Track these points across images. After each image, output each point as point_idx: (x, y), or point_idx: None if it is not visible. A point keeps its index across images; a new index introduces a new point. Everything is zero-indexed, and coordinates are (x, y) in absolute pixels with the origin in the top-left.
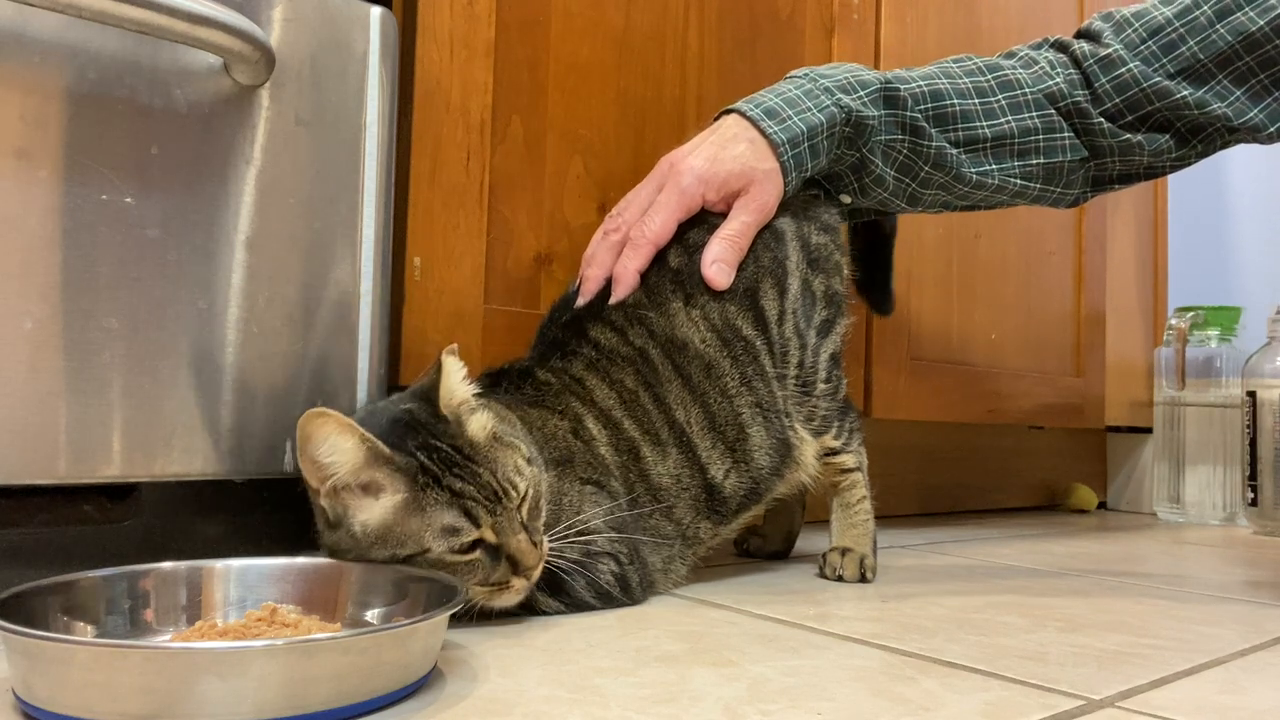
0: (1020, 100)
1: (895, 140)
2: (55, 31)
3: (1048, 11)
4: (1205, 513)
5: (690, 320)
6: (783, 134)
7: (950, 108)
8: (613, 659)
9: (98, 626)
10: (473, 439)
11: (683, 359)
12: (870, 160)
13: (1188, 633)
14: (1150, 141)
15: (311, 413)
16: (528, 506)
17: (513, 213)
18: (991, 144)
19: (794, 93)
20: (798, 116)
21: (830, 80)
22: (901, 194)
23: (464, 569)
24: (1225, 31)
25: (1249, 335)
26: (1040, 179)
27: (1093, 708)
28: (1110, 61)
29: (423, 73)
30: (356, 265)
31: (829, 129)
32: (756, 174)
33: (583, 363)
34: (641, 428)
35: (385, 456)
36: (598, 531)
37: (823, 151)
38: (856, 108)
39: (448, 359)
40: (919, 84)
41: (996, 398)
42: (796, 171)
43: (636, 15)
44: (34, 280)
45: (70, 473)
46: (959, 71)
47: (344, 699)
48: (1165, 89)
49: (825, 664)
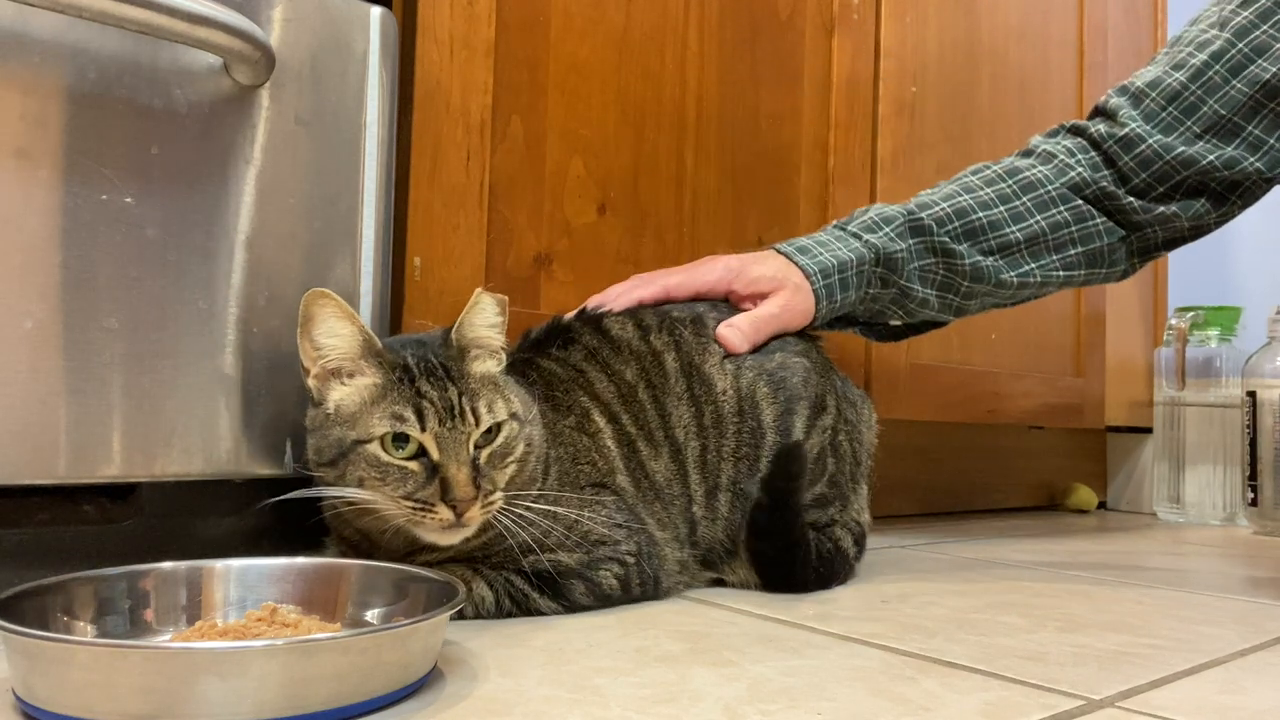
0: (1045, 198)
1: (929, 264)
2: (55, 31)
3: (1048, 11)
4: (1205, 513)
5: (722, 368)
6: (814, 265)
7: (977, 221)
8: (613, 659)
9: (98, 626)
10: (467, 369)
11: (701, 390)
12: (910, 288)
13: (1188, 633)
14: (1186, 209)
15: (314, 292)
16: (490, 450)
17: (513, 213)
18: (1026, 245)
19: (824, 236)
20: (828, 252)
21: (856, 224)
22: (948, 309)
23: (395, 475)
24: (1242, 85)
25: (1249, 335)
26: (1083, 266)
27: (1093, 708)
28: (1129, 140)
29: (423, 73)
30: (356, 265)
31: (858, 265)
32: (789, 283)
33: (582, 352)
34: (637, 425)
35: (377, 350)
36: (603, 538)
37: (852, 286)
38: (883, 244)
39: (482, 295)
40: (941, 207)
41: (996, 398)
42: (828, 301)
43: (636, 15)
44: (34, 280)
45: (70, 473)
46: (979, 183)
47: (344, 699)
48: (1190, 157)
49: (825, 664)
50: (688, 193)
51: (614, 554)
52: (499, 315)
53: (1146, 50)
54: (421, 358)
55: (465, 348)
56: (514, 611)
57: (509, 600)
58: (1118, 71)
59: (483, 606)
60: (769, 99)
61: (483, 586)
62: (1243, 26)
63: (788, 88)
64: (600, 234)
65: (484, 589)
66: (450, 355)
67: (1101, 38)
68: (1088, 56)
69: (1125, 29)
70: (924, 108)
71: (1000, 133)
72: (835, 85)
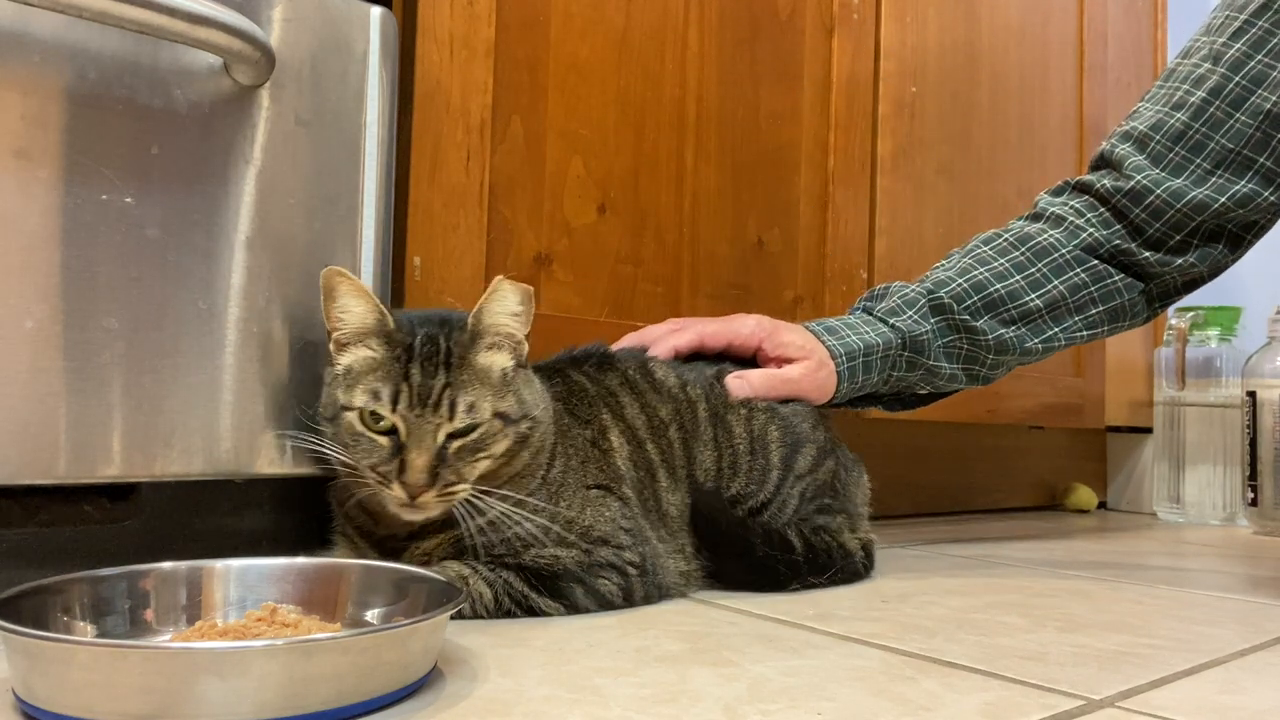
0: (1061, 262)
1: (952, 340)
2: (55, 31)
3: (1047, 12)
4: (1205, 513)
5: (738, 413)
6: (840, 347)
7: (995, 294)
8: (613, 659)
9: (98, 626)
10: (471, 358)
11: (724, 437)
12: (937, 367)
13: (1188, 633)
14: (1204, 258)
15: (331, 270)
16: (461, 443)
17: (513, 213)
18: (1047, 311)
19: (851, 319)
20: (855, 335)
21: (881, 308)
22: (975, 379)
23: (365, 445)
24: (1246, 117)
25: (1249, 335)
26: (1106, 322)
27: (1093, 708)
28: (1137, 193)
29: (423, 73)
30: (356, 265)
31: (884, 350)
32: (815, 356)
33: (619, 378)
34: (661, 457)
35: (386, 329)
36: (605, 537)
37: (875, 369)
38: (909, 328)
39: (502, 282)
40: (958, 283)
41: (996, 398)
42: (849, 382)
43: (636, 15)
44: (34, 280)
45: (70, 473)
46: (992, 254)
47: (344, 699)
48: (1203, 202)
49: (825, 664)
50: (688, 193)
51: (616, 560)
52: (520, 305)
53: (1146, 50)
54: (431, 339)
55: (480, 334)
56: (514, 610)
57: (509, 599)
58: (1117, 72)
59: (480, 603)
60: (769, 99)
61: (481, 584)
62: (1237, 60)
63: (788, 87)
64: (600, 234)
65: (483, 586)
66: (462, 341)
67: (1101, 38)
68: (1088, 57)
69: (1125, 29)
70: (924, 108)
71: (1000, 133)
72: (835, 85)
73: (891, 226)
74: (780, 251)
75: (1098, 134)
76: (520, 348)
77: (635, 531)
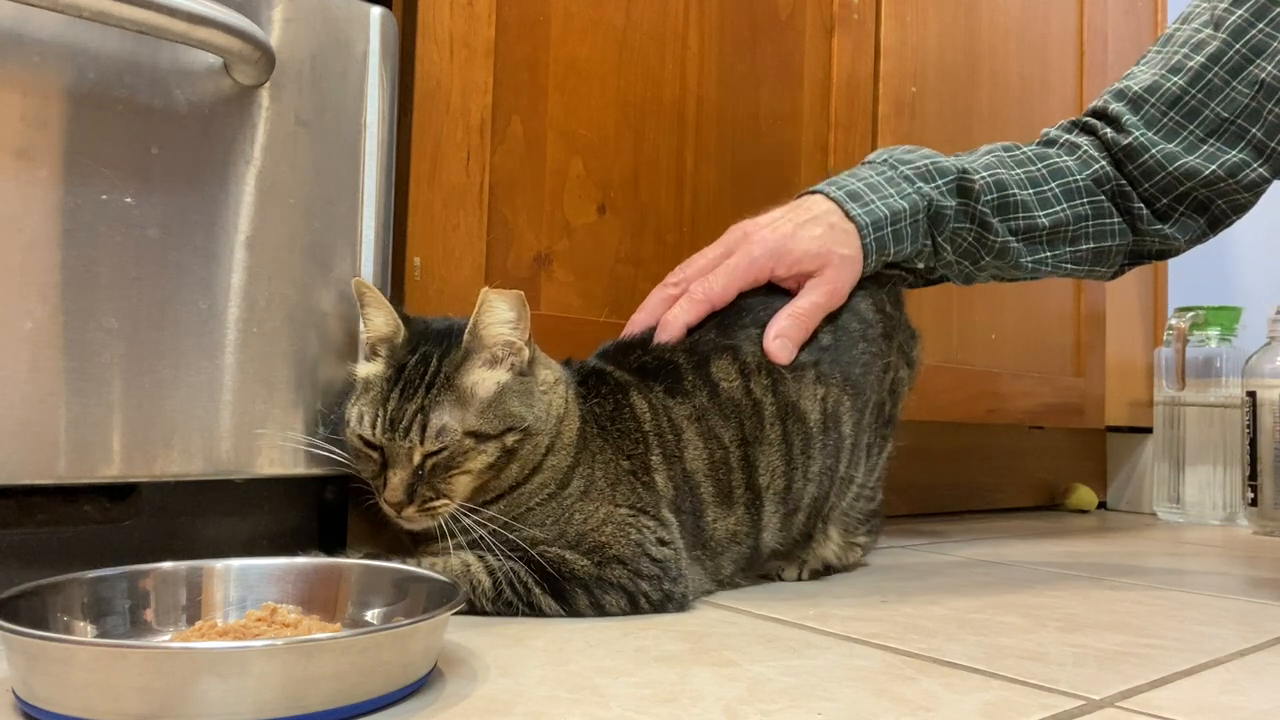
0: (1072, 187)
1: (963, 229)
2: (55, 31)
3: (1048, 12)
4: (1205, 513)
5: (815, 396)
6: (866, 216)
7: (1012, 197)
8: (613, 659)
9: (98, 626)
10: (457, 378)
11: (795, 427)
12: (941, 246)
13: (1188, 633)
14: (1184, 230)
15: (358, 281)
16: (434, 460)
17: (513, 213)
18: (1048, 232)
19: (875, 179)
20: (881, 201)
21: (909, 168)
22: (959, 275)
23: (361, 457)
24: (1242, 86)
25: (1249, 335)
26: (1088, 261)
27: (1093, 708)
28: (1132, 150)
29: (423, 73)
30: (356, 265)
31: (911, 216)
32: (833, 257)
33: (688, 410)
34: (717, 490)
35: (394, 345)
36: (622, 558)
37: (906, 237)
38: (936, 197)
39: (488, 294)
40: (984, 175)
41: (996, 398)
42: (878, 255)
43: (636, 15)
44: (34, 280)
45: (70, 473)
46: (1011, 161)
47: (344, 699)
48: (1193, 168)
49: (825, 664)
50: (688, 193)
51: (630, 585)
52: (511, 311)
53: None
54: (425, 358)
55: (473, 350)
56: (514, 602)
57: (510, 589)
58: (1118, 72)
59: (479, 590)
60: (769, 99)
61: (482, 572)
62: (1238, 26)
63: (788, 87)
64: (600, 234)
65: (483, 574)
66: (454, 359)
67: (1101, 38)
68: (1088, 57)
69: (1125, 29)
70: (924, 108)
71: (1000, 133)
72: (835, 85)
73: None
74: None
75: None
76: (520, 355)
77: (666, 562)
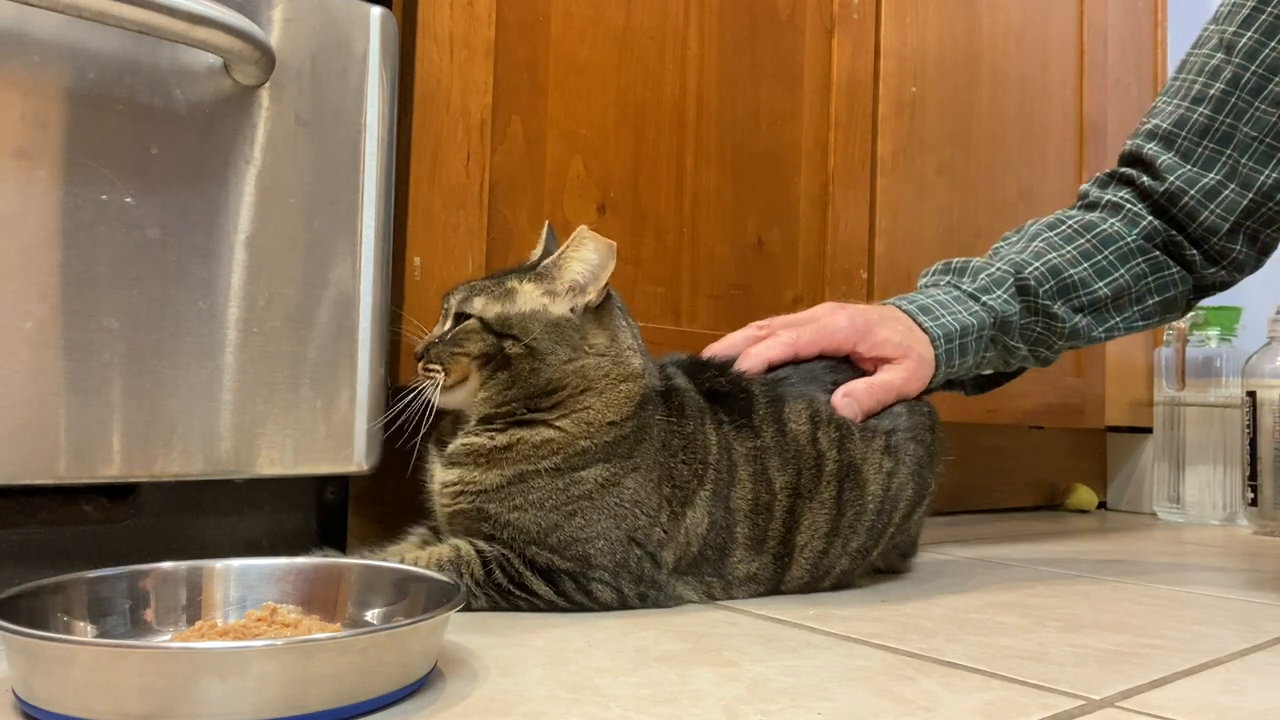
0: (1124, 251)
1: (1030, 323)
2: (55, 31)
3: (1048, 12)
4: (1205, 513)
5: (880, 467)
6: (939, 329)
7: (1068, 279)
8: (613, 659)
9: (98, 626)
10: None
11: (851, 494)
12: (1015, 347)
13: (1188, 633)
14: (1239, 267)
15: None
16: (453, 332)
17: (513, 213)
18: (1112, 300)
19: (943, 296)
20: (950, 316)
21: (971, 286)
22: (1036, 361)
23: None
24: (1267, 106)
25: (1249, 335)
26: (1158, 314)
27: (1093, 708)
28: (1172, 195)
29: (423, 73)
30: (356, 265)
31: (978, 331)
32: (914, 352)
33: (748, 448)
34: (751, 533)
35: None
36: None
37: (970, 352)
38: (999, 307)
39: (582, 231)
40: (1036, 266)
41: (996, 398)
42: (946, 367)
43: (636, 15)
44: (34, 280)
45: (70, 473)
46: (1059, 240)
47: (343, 699)
48: (1234, 200)
49: (825, 664)
50: (688, 193)
51: (610, 581)
52: (594, 256)
53: (1146, 50)
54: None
55: (543, 273)
56: (505, 586)
57: (500, 571)
58: (1117, 72)
59: (469, 572)
60: (769, 99)
61: (473, 555)
62: (1251, 48)
63: (788, 88)
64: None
65: (473, 557)
66: (526, 267)
67: (1101, 38)
68: (1088, 57)
69: (1125, 29)
70: (924, 108)
71: (1000, 133)
72: (835, 85)
73: (892, 227)
74: (780, 252)
75: (1097, 134)
76: (581, 297)
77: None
